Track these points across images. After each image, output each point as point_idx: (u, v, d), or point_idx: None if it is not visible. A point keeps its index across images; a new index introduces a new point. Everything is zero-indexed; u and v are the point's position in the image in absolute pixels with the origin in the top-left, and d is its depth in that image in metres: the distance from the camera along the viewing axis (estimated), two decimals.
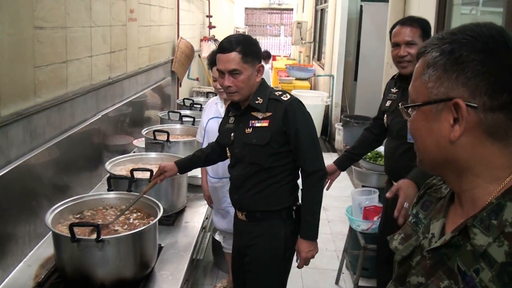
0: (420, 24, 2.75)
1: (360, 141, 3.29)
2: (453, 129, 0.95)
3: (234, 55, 2.35)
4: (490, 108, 0.92)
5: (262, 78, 2.52)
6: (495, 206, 0.93)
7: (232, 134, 2.54)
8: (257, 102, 2.44)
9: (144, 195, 2.56)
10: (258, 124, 2.43)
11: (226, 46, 2.36)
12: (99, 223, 2.34)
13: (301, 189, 2.52)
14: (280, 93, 2.48)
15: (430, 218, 1.12)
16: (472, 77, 0.92)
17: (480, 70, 0.91)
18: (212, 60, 3.31)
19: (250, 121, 2.45)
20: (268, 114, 2.42)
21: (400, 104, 1.08)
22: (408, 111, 1.04)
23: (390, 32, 2.83)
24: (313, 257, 2.53)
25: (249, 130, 2.44)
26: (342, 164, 3.23)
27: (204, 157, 2.79)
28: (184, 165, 2.76)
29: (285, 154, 2.45)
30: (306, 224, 2.50)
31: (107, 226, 2.35)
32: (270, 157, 2.43)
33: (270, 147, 2.41)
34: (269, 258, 2.53)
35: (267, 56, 10.17)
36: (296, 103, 2.44)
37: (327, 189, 3.11)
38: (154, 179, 2.68)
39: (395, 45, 2.76)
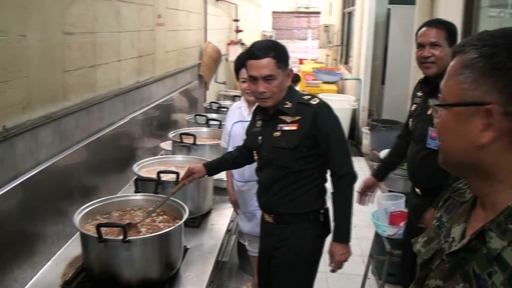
0: (446, 27, 2.73)
1: (394, 149, 3.27)
2: (482, 134, 0.93)
3: (269, 61, 2.36)
4: None
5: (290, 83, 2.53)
6: (511, 211, 0.92)
7: (259, 138, 2.55)
8: (286, 106, 2.44)
9: (171, 198, 2.59)
10: (286, 128, 2.44)
11: (259, 52, 2.37)
12: (127, 222, 2.40)
13: (332, 193, 2.51)
14: (308, 97, 2.49)
15: (452, 222, 1.11)
16: (509, 85, 0.90)
17: None
18: (239, 63, 3.32)
19: (279, 125, 2.46)
20: (297, 117, 2.42)
21: (430, 101, 1.06)
22: (438, 110, 1.02)
23: (416, 33, 2.81)
24: (346, 260, 2.53)
25: (277, 134, 2.45)
26: (380, 175, 3.24)
27: (232, 159, 2.80)
28: (212, 167, 2.78)
29: (313, 157, 2.45)
30: (339, 227, 2.49)
31: (135, 226, 2.39)
32: (298, 160, 2.43)
33: (298, 151, 2.41)
34: (296, 261, 2.53)
35: (296, 80, 10.02)
36: (325, 106, 2.45)
37: (371, 202, 3.13)
38: (182, 180, 2.71)
39: (420, 46, 2.74)
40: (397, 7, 8.23)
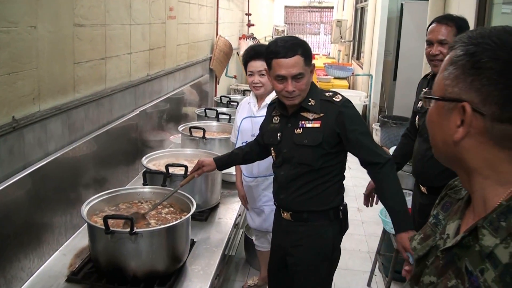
0: (456, 23, 2.68)
1: (400, 149, 3.23)
2: (457, 130, 0.96)
3: (298, 59, 2.32)
4: (499, 118, 0.91)
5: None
6: (504, 208, 0.92)
7: (279, 134, 2.51)
8: (309, 103, 2.41)
9: (179, 190, 2.60)
10: (309, 125, 2.40)
11: (286, 50, 2.31)
12: (134, 212, 2.42)
13: (376, 182, 2.43)
14: (330, 93, 2.45)
15: (448, 219, 1.12)
16: (486, 85, 0.91)
17: (495, 80, 0.90)
18: (248, 56, 3.30)
19: (300, 122, 2.42)
20: (321, 114, 2.39)
21: (423, 92, 1.07)
22: (428, 102, 1.05)
23: (427, 29, 2.78)
24: None
25: (299, 131, 2.42)
26: None
27: (243, 155, 2.80)
28: (222, 162, 2.78)
29: (335, 154, 2.43)
30: (401, 214, 2.35)
31: (143, 217, 2.40)
32: (321, 158, 2.40)
33: (321, 148, 2.38)
34: (316, 259, 2.51)
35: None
36: (348, 103, 2.41)
37: (375, 203, 3.10)
38: (191, 173, 2.72)
39: (429, 43, 2.72)
40: (410, 2, 8.17)
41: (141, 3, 3.58)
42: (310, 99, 2.42)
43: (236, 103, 5.18)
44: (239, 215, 3.33)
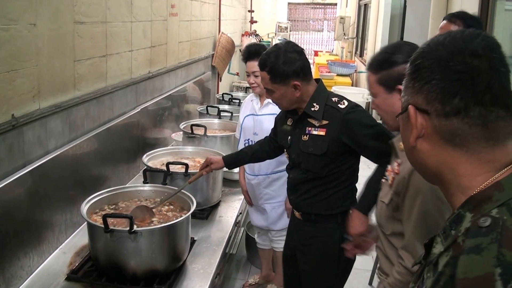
0: (464, 21, 2.64)
1: None
2: (412, 136, 0.96)
3: (265, 75, 2.37)
4: (444, 114, 0.91)
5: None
6: (455, 216, 0.89)
7: (289, 138, 2.50)
8: (312, 109, 2.38)
9: (177, 188, 2.60)
10: (315, 132, 2.37)
11: (260, 62, 2.39)
12: (140, 205, 2.43)
13: (377, 170, 2.37)
14: (337, 99, 2.39)
15: None
16: (425, 84, 0.93)
17: (430, 76, 0.92)
18: (244, 57, 3.35)
19: (307, 128, 2.40)
20: (325, 122, 2.36)
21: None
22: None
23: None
24: (363, 233, 2.33)
25: (305, 138, 2.40)
26: None
27: (252, 153, 2.80)
28: (231, 160, 2.79)
29: (343, 161, 2.40)
30: (370, 198, 2.29)
31: (149, 210, 2.42)
32: (327, 166, 2.38)
33: (326, 157, 2.36)
34: (323, 260, 2.51)
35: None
36: (353, 109, 2.35)
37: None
38: (200, 170, 2.73)
39: None
40: None
41: (142, 0, 3.57)
42: (314, 104, 2.38)
43: (238, 101, 5.17)
44: (240, 213, 3.32)
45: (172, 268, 2.29)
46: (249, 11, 9.13)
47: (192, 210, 2.36)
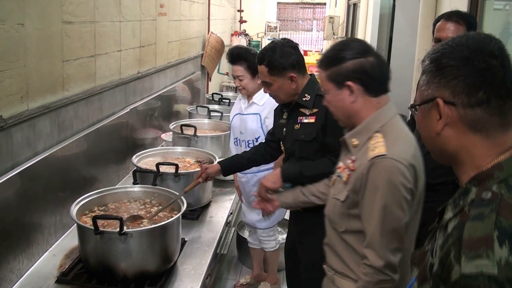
0: (466, 21, 2.64)
1: None
2: (437, 124, 1.13)
3: (263, 68, 2.48)
4: (469, 104, 1.08)
5: (312, 74, 2.56)
6: (464, 190, 1.10)
7: (284, 130, 2.58)
8: (304, 99, 2.47)
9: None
10: (305, 120, 2.46)
11: (258, 57, 2.51)
12: (133, 215, 2.41)
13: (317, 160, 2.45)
14: None
15: None
16: (451, 80, 1.09)
17: (457, 73, 1.09)
18: (228, 61, 3.37)
19: (299, 117, 2.48)
20: (315, 110, 2.44)
21: (410, 105, 1.22)
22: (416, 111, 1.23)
23: (434, 24, 2.73)
24: (272, 188, 2.43)
25: (297, 126, 2.48)
26: None
27: (247, 157, 2.80)
28: (227, 164, 2.77)
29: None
30: (295, 172, 2.42)
31: (140, 217, 2.41)
32: (318, 152, 2.43)
33: (316, 142, 2.42)
34: (323, 249, 2.50)
35: None
36: None
37: None
38: (196, 179, 2.72)
39: (438, 41, 2.65)
40: None
41: (131, 0, 3.55)
42: (306, 95, 2.47)
43: (228, 100, 5.16)
44: (231, 213, 3.31)
45: (163, 269, 2.28)
46: (238, 10, 9.11)
47: (182, 211, 2.35)
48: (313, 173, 2.36)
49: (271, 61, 2.46)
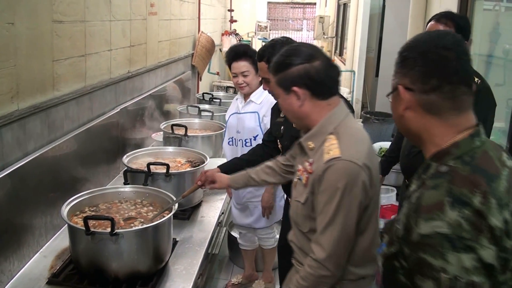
0: (455, 22, 2.67)
1: (395, 143, 3.26)
2: (401, 107, 1.33)
3: (262, 65, 2.53)
4: (424, 90, 1.27)
5: None
6: (426, 165, 1.32)
7: (282, 127, 2.59)
8: None
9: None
10: None
11: (259, 54, 2.57)
12: (127, 215, 2.40)
13: None
14: None
15: None
16: (410, 70, 1.29)
17: (414, 64, 1.29)
18: (229, 58, 3.33)
19: None
20: None
21: (386, 94, 1.40)
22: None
23: (427, 25, 2.78)
24: None
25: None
26: (384, 170, 3.22)
27: (246, 159, 2.80)
28: (227, 168, 2.73)
29: None
30: None
31: (134, 219, 2.40)
32: None
33: None
34: None
35: None
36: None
37: None
38: (196, 182, 2.69)
39: None
40: None
41: None
42: None
43: (219, 100, 5.16)
44: (222, 213, 3.31)
45: (155, 270, 2.27)
46: (228, 10, 9.11)
47: (173, 211, 2.35)
48: None
49: (271, 58, 2.40)
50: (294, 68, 1.84)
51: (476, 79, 2.76)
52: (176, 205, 2.40)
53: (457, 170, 1.20)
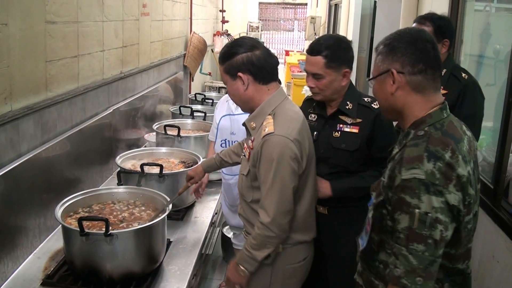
0: (434, 22, 2.71)
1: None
2: (392, 87, 1.61)
3: (319, 59, 2.37)
4: (412, 73, 1.58)
5: (350, 81, 2.51)
6: (406, 133, 1.63)
7: (315, 133, 2.51)
8: (347, 107, 2.44)
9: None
10: (347, 129, 2.44)
11: (314, 48, 2.40)
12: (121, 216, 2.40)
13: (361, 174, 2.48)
14: (369, 99, 2.47)
15: None
16: (401, 56, 1.59)
17: (404, 52, 1.58)
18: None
19: (338, 125, 2.46)
20: (358, 120, 2.42)
21: (368, 78, 1.48)
22: (372, 82, 1.71)
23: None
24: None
25: (337, 134, 2.45)
26: None
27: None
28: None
29: (368, 157, 2.47)
30: (345, 187, 2.47)
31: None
32: (357, 161, 2.45)
33: (359, 152, 2.42)
34: (352, 251, 2.45)
35: None
36: None
37: None
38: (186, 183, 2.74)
39: None
40: None
41: (114, 0, 3.53)
42: (348, 102, 2.45)
43: (211, 101, 5.15)
44: (216, 213, 3.31)
45: (149, 270, 2.27)
46: (220, 10, 9.11)
47: (167, 212, 2.35)
48: (362, 185, 2.38)
49: (333, 51, 2.37)
50: (239, 57, 2.10)
51: (463, 75, 2.79)
52: (170, 205, 2.41)
53: (431, 134, 1.55)
